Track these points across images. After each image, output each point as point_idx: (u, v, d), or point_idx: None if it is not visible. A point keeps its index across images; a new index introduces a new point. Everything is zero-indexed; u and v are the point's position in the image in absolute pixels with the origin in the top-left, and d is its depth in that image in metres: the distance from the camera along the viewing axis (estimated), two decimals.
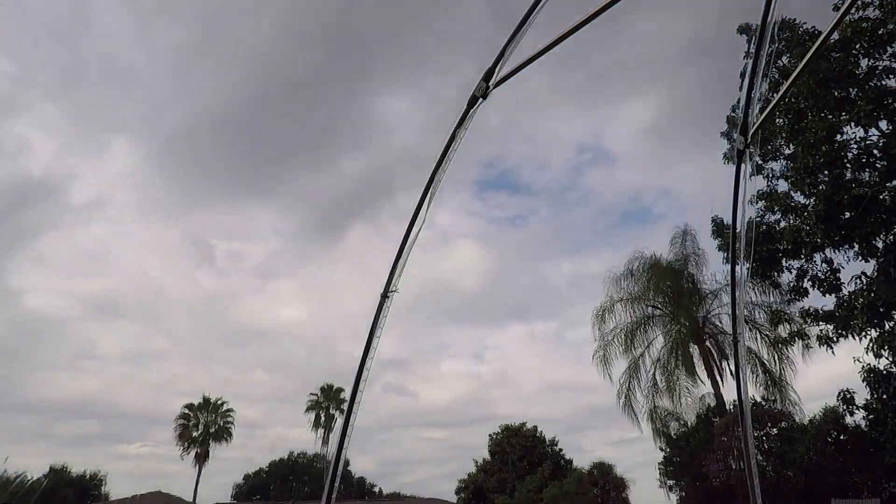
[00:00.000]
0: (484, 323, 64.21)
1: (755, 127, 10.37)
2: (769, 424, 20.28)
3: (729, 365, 22.25)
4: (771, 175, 17.14)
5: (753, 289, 20.31)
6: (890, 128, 14.74)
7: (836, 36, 14.53)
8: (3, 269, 51.69)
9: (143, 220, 55.98)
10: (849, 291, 15.56)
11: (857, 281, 15.25)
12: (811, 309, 16.72)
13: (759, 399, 20.99)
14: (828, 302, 16.31)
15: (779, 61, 15.84)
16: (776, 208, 16.68)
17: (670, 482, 23.42)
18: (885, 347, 14.82)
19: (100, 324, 54.88)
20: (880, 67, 14.78)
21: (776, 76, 15.76)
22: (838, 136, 15.18)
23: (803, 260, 16.54)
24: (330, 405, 43.17)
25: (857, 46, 14.88)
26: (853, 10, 14.29)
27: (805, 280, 16.57)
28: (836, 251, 15.72)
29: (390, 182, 57.72)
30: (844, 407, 16.84)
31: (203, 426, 39.62)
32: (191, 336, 56.76)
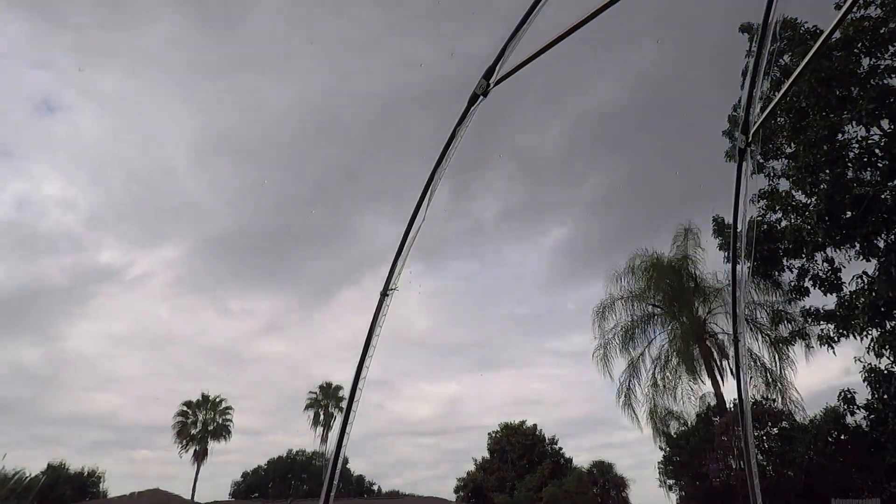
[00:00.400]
0: (446, 354, 74.89)
1: (756, 125, 10.31)
2: (769, 424, 20.26)
3: (729, 364, 22.26)
4: (772, 174, 17.10)
5: (754, 288, 20.28)
6: (892, 127, 14.69)
7: (837, 35, 14.48)
8: (56, 322, 66.10)
9: (177, 289, 69.23)
10: (850, 291, 15.53)
11: (859, 280, 15.22)
12: (812, 308, 16.70)
13: (759, 398, 20.97)
14: (829, 301, 16.31)
15: (780, 60, 15.80)
16: (777, 207, 16.64)
17: (670, 481, 23.43)
18: (886, 347, 14.79)
19: (122, 357, 65.13)
20: (882, 66, 14.73)
21: (778, 75, 15.72)
22: (840, 135, 15.14)
23: (804, 259, 16.52)
24: (329, 403, 43.20)
25: (859, 45, 14.84)
26: (855, 9, 14.24)
27: (806, 279, 16.54)
28: (838, 250, 15.67)
29: (375, 261, 72.78)
30: (845, 407, 16.81)
31: (202, 424, 39.62)
32: (195, 363, 66.99)
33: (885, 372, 15.21)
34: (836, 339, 15.82)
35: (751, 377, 21.10)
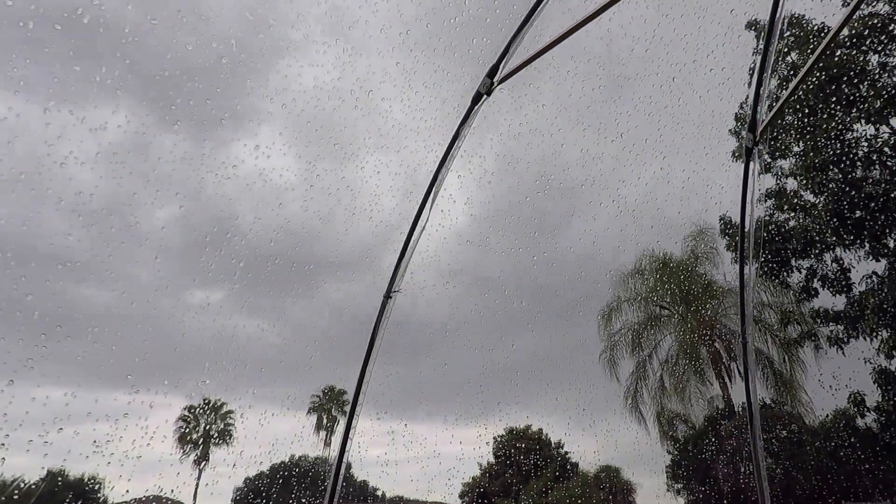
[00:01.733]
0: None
1: (764, 124, 10.15)
2: (779, 427, 20.02)
3: (738, 366, 22.01)
4: (780, 173, 16.92)
5: (762, 289, 20.06)
6: None
7: (845, 32, 14.33)
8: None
9: None
10: (859, 291, 15.33)
11: (868, 281, 15.04)
12: (821, 309, 16.49)
13: (768, 401, 20.74)
14: (838, 302, 16.10)
15: (788, 57, 15.65)
16: (785, 207, 16.46)
17: (678, 486, 23.17)
18: None
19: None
20: (891, 63, 14.57)
21: (786, 72, 15.56)
22: (848, 133, 14.97)
23: (813, 259, 16.32)
24: (332, 407, 43.04)
25: (868, 42, 14.68)
26: (863, 6, 14.09)
27: (815, 280, 16.35)
28: (847, 250, 15.50)
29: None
30: (855, 409, 16.58)
31: (203, 429, 39.48)
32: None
33: None
34: (845, 340, 15.62)
35: (759, 379, 20.87)
